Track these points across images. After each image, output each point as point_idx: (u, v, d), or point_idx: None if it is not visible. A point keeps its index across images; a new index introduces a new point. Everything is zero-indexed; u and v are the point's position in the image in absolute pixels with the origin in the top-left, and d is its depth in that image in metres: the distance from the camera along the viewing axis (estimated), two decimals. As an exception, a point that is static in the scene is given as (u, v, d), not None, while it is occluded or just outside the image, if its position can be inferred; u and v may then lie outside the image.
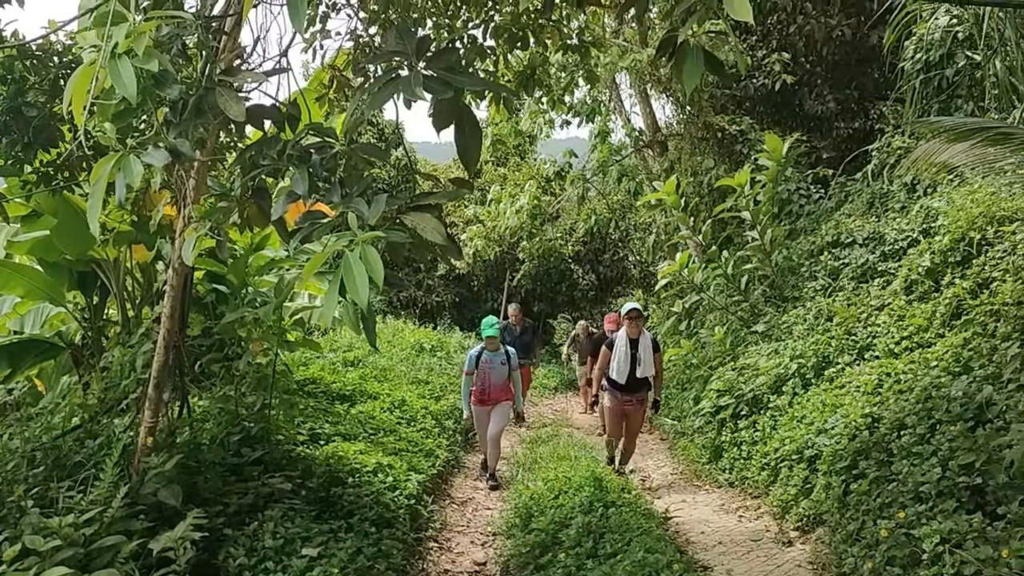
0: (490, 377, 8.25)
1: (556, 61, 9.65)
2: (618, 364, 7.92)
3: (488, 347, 8.26)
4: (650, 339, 8.00)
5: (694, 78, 2.75)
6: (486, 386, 8.28)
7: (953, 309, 6.74)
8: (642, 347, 7.88)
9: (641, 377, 7.91)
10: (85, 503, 3.97)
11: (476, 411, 8.42)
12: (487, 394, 8.30)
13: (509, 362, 8.32)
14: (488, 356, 8.26)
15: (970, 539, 4.00)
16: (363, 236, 2.39)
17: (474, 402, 8.39)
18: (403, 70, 2.77)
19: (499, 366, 8.26)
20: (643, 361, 7.85)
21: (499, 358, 8.28)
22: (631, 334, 7.94)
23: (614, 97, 15.37)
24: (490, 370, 8.24)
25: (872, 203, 10.17)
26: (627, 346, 7.90)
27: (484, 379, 8.27)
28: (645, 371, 7.87)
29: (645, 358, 7.87)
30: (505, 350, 8.36)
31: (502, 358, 8.30)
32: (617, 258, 22.78)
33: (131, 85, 2.39)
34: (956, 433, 4.86)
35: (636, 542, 5.05)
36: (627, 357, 7.86)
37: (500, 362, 8.27)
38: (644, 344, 7.90)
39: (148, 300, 6.62)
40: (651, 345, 7.94)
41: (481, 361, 8.23)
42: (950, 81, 9.35)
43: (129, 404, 5.27)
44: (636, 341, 7.91)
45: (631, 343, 7.91)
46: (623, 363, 7.88)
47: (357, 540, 4.85)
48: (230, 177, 3.77)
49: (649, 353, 7.88)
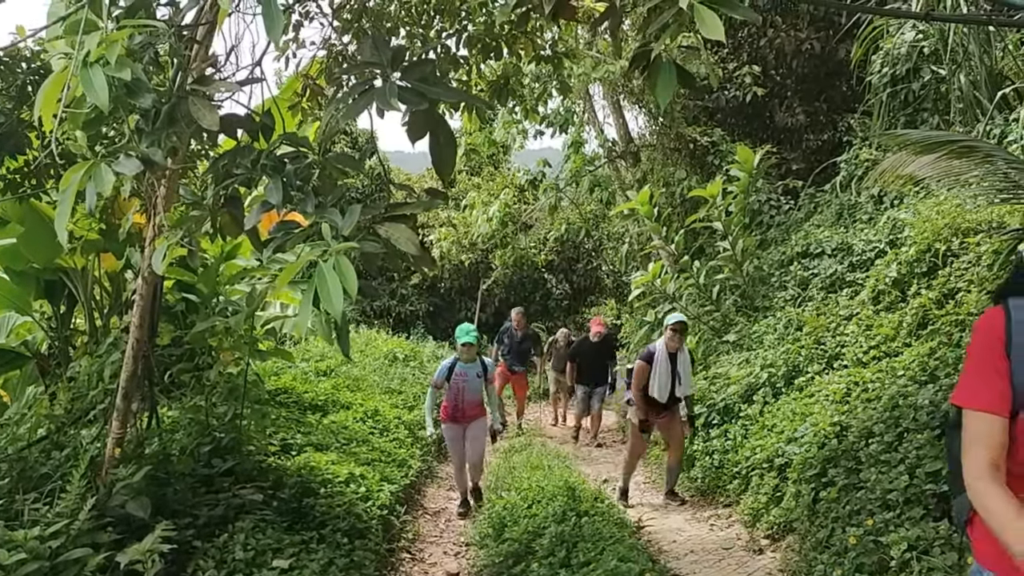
0: (463, 392, 7.35)
1: (529, 71, 9.70)
2: (659, 381, 7.23)
3: (463, 357, 7.33)
4: (687, 353, 7.51)
5: (667, 92, 2.78)
6: (458, 401, 7.37)
7: (919, 319, 6.86)
8: (681, 363, 7.31)
9: (680, 396, 7.37)
10: (51, 515, 3.89)
11: (447, 430, 7.54)
12: (460, 410, 7.39)
13: (485, 374, 7.46)
14: (462, 368, 7.35)
15: (937, 546, 4.05)
16: (337, 247, 2.39)
17: (443, 418, 7.51)
18: (378, 81, 2.78)
19: (474, 379, 7.39)
20: (683, 377, 7.30)
21: (475, 369, 7.39)
22: (671, 348, 7.27)
23: (587, 108, 15.46)
24: (464, 383, 7.34)
25: (841, 214, 10.33)
26: (667, 361, 7.26)
27: (456, 394, 7.35)
28: (685, 389, 7.35)
29: (685, 375, 7.33)
30: (481, 360, 7.50)
31: (478, 369, 7.41)
32: (590, 268, 22.89)
33: (103, 94, 2.37)
34: (923, 441, 4.94)
35: (609, 551, 5.06)
36: (668, 373, 7.23)
37: (476, 374, 7.39)
38: (683, 360, 7.34)
39: (116, 309, 6.52)
40: (689, 360, 7.49)
41: (454, 374, 7.30)
42: (916, 95, 9.56)
43: (96, 415, 5.19)
44: (675, 356, 7.29)
45: (671, 358, 7.28)
46: (664, 380, 7.23)
47: (329, 551, 4.81)
48: (202, 186, 3.75)
49: (688, 369, 7.40)
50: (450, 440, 7.62)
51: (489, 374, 7.50)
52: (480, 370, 7.41)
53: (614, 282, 22.13)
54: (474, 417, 7.48)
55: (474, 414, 7.48)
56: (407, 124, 2.93)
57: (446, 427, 7.54)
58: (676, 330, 7.25)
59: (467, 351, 7.31)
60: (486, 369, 7.47)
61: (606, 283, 22.91)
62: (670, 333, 7.25)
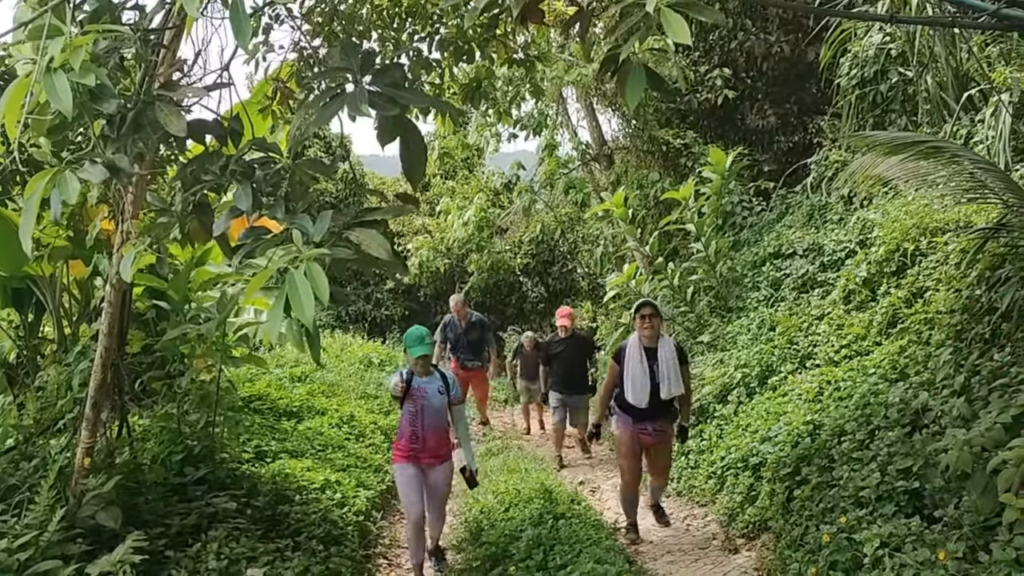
0: (423, 413, 5.62)
1: (502, 75, 9.71)
2: (633, 383, 5.89)
3: (418, 371, 5.67)
4: (673, 347, 6.04)
5: (636, 94, 2.80)
6: (416, 427, 5.62)
7: (889, 318, 6.94)
8: (663, 358, 5.89)
9: (667, 399, 5.95)
10: (19, 527, 3.84)
11: (401, 472, 5.74)
12: (419, 440, 5.63)
13: (448, 392, 5.73)
14: (419, 383, 5.66)
15: (909, 542, 4.10)
16: (308, 253, 2.37)
17: (398, 458, 5.76)
18: (348, 86, 2.77)
19: (436, 396, 5.65)
20: (667, 377, 5.86)
21: (434, 384, 5.69)
22: (646, 340, 5.95)
23: (561, 111, 15.51)
24: (424, 402, 5.62)
25: (811, 215, 10.44)
26: (642, 358, 5.91)
27: (414, 415, 5.62)
28: (672, 390, 5.88)
29: (669, 373, 5.86)
30: (441, 374, 5.82)
31: (439, 384, 5.70)
32: (566, 270, 22.93)
33: (67, 100, 2.34)
34: (894, 438, 5.00)
35: (586, 553, 5.08)
36: (644, 373, 5.87)
37: (437, 390, 5.67)
38: (665, 354, 5.91)
39: (85, 317, 6.43)
40: (675, 355, 5.98)
41: (412, 389, 5.61)
42: (884, 96, 9.68)
43: (66, 424, 5.12)
44: (653, 351, 5.92)
45: (646, 353, 5.93)
46: (640, 381, 5.86)
47: (305, 559, 4.78)
48: (170, 192, 3.71)
49: (673, 366, 5.89)
50: (403, 484, 5.74)
51: (454, 393, 5.81)
52: (441, 385, 5.71)
53: (589, 284, 22.21)
54: (439, 456, 5.74)
55: (438, 449, 5.75)
56: (377, 129, 2.92)
57: (399, 468, 5.75)
58: (645, 315, 5.98)
59: (423, 364, 5.66)
60: (448, 385, 5.76)
61: (581, 285, 22.97)
62: (639, 321, 6.03)
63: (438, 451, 5.73)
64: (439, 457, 5.74)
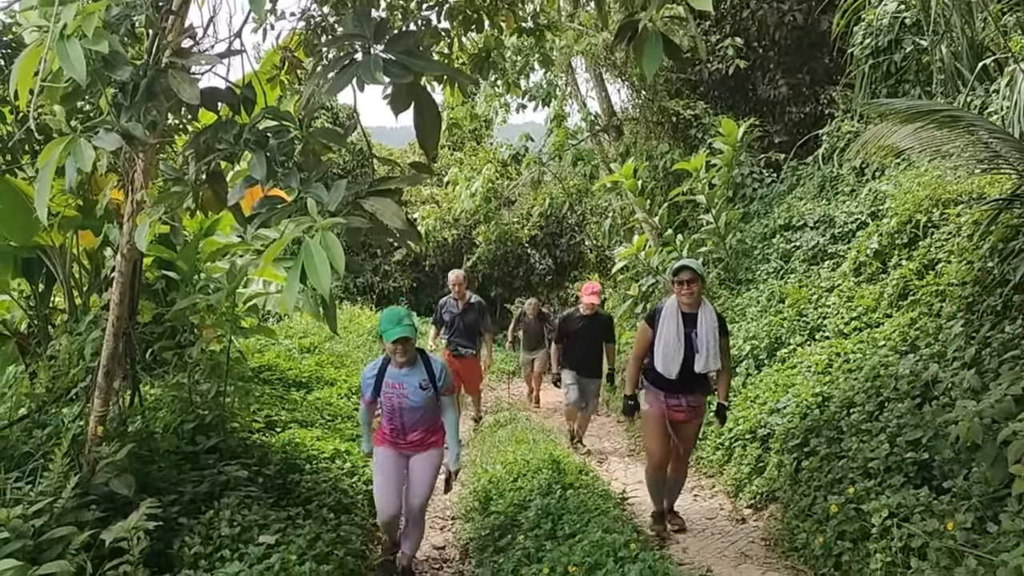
0: (400, 412, 4.80)
1: (511, 44, 9.62)
2: (665, 351, 5.30)
3: (397, 360, 4.68)
4: (714, 315, 5.40)
5: (654, 63, 2.76)
6: (395, 424, 4.88)
7: (900, 290, 6.92)
8: (702, 326, 5.30)
9: (701, 373, 5.38)
10: (34, 494, 3.87)
11: (380, 455, 4.96)
12: (399, 433, 4.91)
13: (435, 384, 4.79)
14: (396, 377, 4.73)
15: (917, 513, 4.13)
16: (323, 222, 2.36)
17: (378, 441, 5.02)
18: (359, 54, 2.74)
19: (416, 391, 4.74)
20: (705, 348, 5.27)
21: (416, 378, 4.74)
22: (685, 306, 5.33)
23: (570, 81, 15.38)
24: (402, 400, 4.76)
25: (823, 187, 10.37)
26: (679, 324, 5.31)
27: (393, 413, 4.84)
28: (708, 364, 5.30)
29: (708, 344, 5.27)
30: (425, 361, 4.82)
31: (421, 377, 4.75)
32: (574, 242, 22.91)
33: (80, 67, 2.32)
34: (903, 410, 5.01)
35: (594, 522, 5.10)
36: (679, 341, 5.29)
37: (419, 384, 4.74)
38: (705, 322, 5.30)
39: (96, 287, 6.45)
40: (716, 324, 5.36)
41: (385, 386, 4.75)
42: (898, 66, 9.56)
43: (78, 393, 5.15)
44: (693, 317, 5.32)
45: (684, 319, 5.33)
46: (673, 350, 5.28)
47: (316, 526, 4.82)
48: (181, 161, 3.69)
49: (713, 336, 5.29)
50: (382, 469, 4.95)
51: (442, 384, 4.85)
52: (424, 378, 4.76)
53: (597, 257, 22.19)
54: (423, 446, 4.97)
55: (422, 441, 4.97)
56: (390, 97, 2.89)
57: (379, 452, 4.98)
58: (684, 280, 5.29)
59: (402, 351, 4.63)
60: (434, 377, 4.80)
61: (589, 258, 22.96)
62: (676, 287, 5.36)
63: (422, 440, 4.96)
64: (423, 445, 4.97)
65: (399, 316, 4.67)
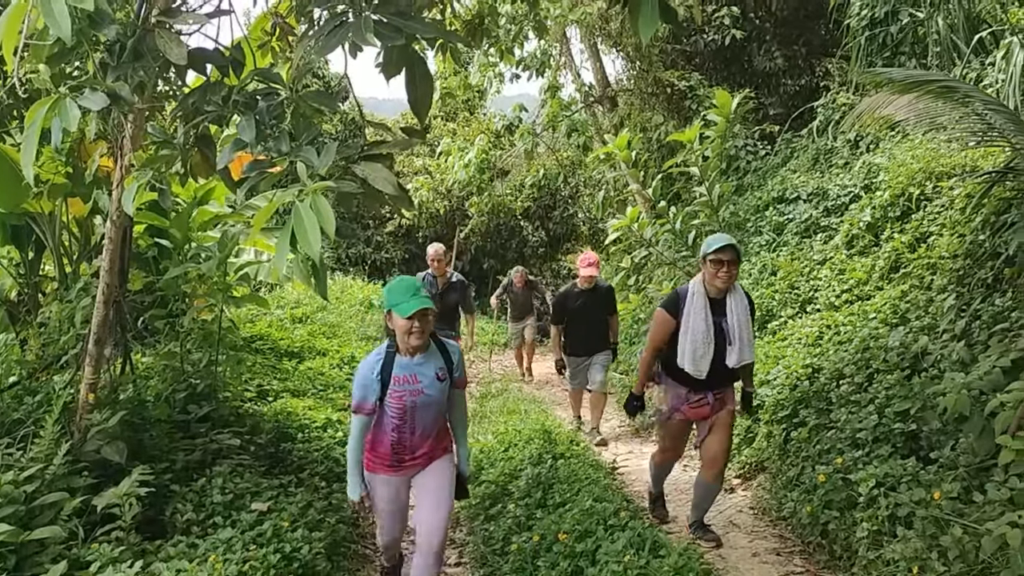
0: (414, 415, 3.75)
1: (505, 12, 9.51)
2: (694, 346, 4.47)
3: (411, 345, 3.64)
4: (745, 298, 4.61)
5: (650, 28, 2.72)
6: (404, 434, 3.78)
7: (892, 263, 6.93)
8: (733, 313, 4.50)
9: (733, 367, 4.57)
10: (25, 460, 3.88)
11: (381, 485, 3.89)
12: (405, 450, 3.83)
13: (451, 373, 3.84)
14: (408, 369, 3.70)
15: (904, 482, 4.16)
16: (313, 186, 2.34)
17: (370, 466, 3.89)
18: (351, 16, 2.69)
19: (433, 384, 3.74)
20: (738, 338, 4.49)
21: (431, 367, 3.74)
22: (715, 291, 4.49)
23: (564, 51, 15.26)
24: (417, 400, 3.72)
25: (816, 159, 10.34)
26: (707, 312, 4.48)
27: (402, 420, 3.75)
28: (743, 356, 4.52)
29: (741, 333, 4.50)
30: (440, 346, 3.85)
31: (438, 366, 3.77)
32: (567, 215, 22.86)
33: (65, 24, 2.27)
34: (892, 382, 5.03)
35: (584, 492, 5.13)
36: (708, 332, 4.47)
37: (435, 374, 3.74)
38: (736, 308, 4.51)
39: (86, 255, 6.40)
40: (748, 309, 4.59)
41: (394, 382, 3.68)
42: (894, 38, 9.50)
43: (69, 361, 5.14)
44: (721, 302, 4.51)
45: (712, 306, 4.51)
46: (703, 345, 4.46)
47: (307, 494, 4.84)
48: (170, 125, 3.65)
49: (746, 324, 4.52)
50: (386, 502, 3.94)
51: (458, 374, 3.91)
52: (441, 366, 3.78)
53: (590, 229, 22.17)
54: (429, 455, 3.92)
55: (431, 452, 3.92)
56: (382, 61, 2.85)
57: (379, 481, 3.89)
58: (724, 261, 4.39)
59: (420, 330, 3.61)
60: (452, 364, 3.84)
61: (582, 230, 22.93)
62: (712, 267, 4.42)
63: (430, 452, 3.92)
64: (429, 455, 3.92)
65: (414, 286, 3.65)
